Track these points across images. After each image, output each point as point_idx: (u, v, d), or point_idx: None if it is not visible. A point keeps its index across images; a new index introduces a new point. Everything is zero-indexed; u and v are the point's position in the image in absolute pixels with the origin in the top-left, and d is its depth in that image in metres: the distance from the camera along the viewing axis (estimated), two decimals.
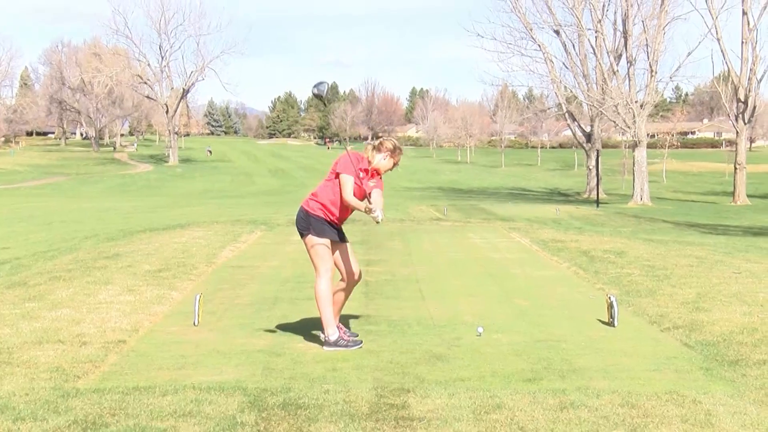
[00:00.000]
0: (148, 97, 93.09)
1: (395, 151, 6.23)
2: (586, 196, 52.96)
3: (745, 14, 45.56)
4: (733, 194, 47.52)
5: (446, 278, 9.79)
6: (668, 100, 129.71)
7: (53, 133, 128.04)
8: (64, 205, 35.01)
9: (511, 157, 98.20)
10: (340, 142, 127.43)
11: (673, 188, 61.24)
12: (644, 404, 4.55)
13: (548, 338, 6.39)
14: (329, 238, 6.14)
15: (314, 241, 6.10)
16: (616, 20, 48.22)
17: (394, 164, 6.27)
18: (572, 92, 51.39)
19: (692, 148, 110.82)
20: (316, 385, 4.95)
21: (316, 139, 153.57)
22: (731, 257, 11.47)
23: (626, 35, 45.41)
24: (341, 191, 6.03)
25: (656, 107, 59.70)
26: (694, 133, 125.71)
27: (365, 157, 6.21)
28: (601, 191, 47.70)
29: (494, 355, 5.83)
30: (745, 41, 45.79)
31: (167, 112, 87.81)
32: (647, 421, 4.28)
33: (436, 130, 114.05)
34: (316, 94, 6.06)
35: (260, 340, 6.35)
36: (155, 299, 7.88)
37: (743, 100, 46.15)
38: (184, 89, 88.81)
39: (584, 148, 55.32)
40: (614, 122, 47.25)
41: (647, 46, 44.46)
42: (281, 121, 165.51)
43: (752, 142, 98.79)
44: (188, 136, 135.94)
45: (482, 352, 5.92)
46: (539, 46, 49.84)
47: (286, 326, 6.86)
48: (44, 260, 11.87)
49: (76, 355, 5.63)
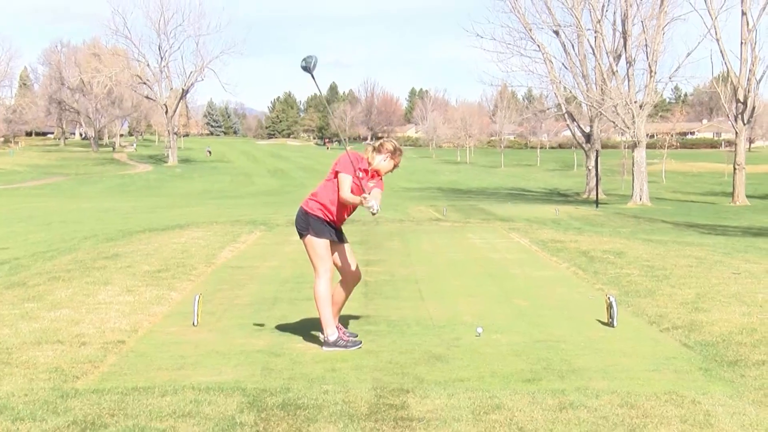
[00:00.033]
0: (147, 97, 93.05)
1: (395, 152, 6.22)
2: (585, 196, 52.97)
3: (744, 15, 45.60)
4: (732, 195, 47.54)
5: (445, 278, 9.79)
6: (667, 100, 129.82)
7: (52, 133, 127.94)
8: (63, 205, 35.00)
9: (510, 157, 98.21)
10: (339, 142, 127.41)
11: (672, 189, 61.25)
12: (643, 404, 4.55)
13: (547, 338, 6.39)
14: (328, 238, 6.14)
15: (313, 241, 6.10)
16: (615, 21, 48.35)
17: (394, 166, 6.26)
18: (571, 92, 51.44)
19: (691, 148, 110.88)
20: (315, 385, 4.95)
21: (315, 139, 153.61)
22: (730, 258, 11.47)
23: (625, 36, 45.44)
24: (339, 190, 6.03)
25: (655, 108, 59.85)
26: (693, 133, 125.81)
27: (365, 158, 6.21)
28: (600, 191, 47.71)
29: (493, 355, 5.83)
30: (744, 42, 45.82)
31: (166, 112, 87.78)
32: (646, 421, 4.28)
33: (435, 130, 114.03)
34: (303, 66, 6.04)
35: (259, 340, 6.35)
36: (154, 300, 7.88)
37: (742, 100, 46.18)
38: (183, 89, 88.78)
39: (583, 148, 55.35)
40: (613, 123, 47.29)
41: (646, 46, 44.48)
42: (281, 121, 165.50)
43: (751, 142, 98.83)
44: (187, 136, 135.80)
45: (481, 352, 5.91)
46: (538, 46, 49.86)
47: (285, 326, 6.87)
48: (43, 260, 11.88)
49: (75, 355, 5.63)
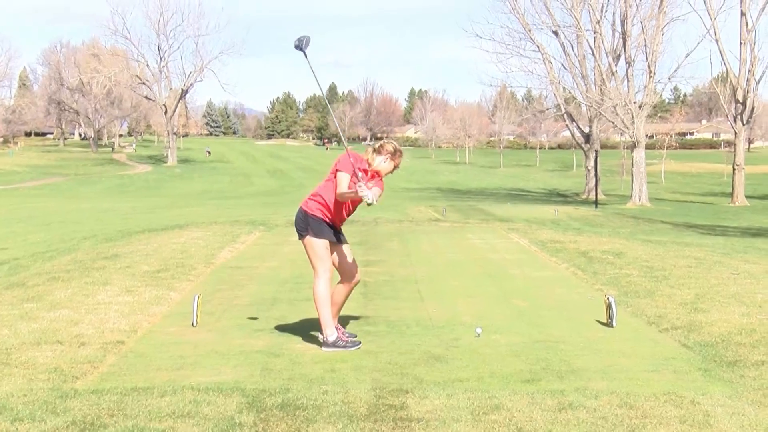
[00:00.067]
0: (146, 97, 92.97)
1: (395, 153, 6.22)
2: (584, 196, 52.96)
3: (743, 15, 45.59)
4: (731, 195, 47.54)
5: (445, 279, 9.79)
6: (667, 100, 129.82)
7: (52, 133, 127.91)
8: (62, 205, 35.00)
9: (509, 157, 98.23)
10: (338, 142, 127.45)
11: (671, 189, 61.27)
12: (642, 405, 4.56)
13: (547, 339, 6.39)
14: (328, 238, 6.14)
15: (313, 241, 6.10)
16: (614, 21, 48.32)
17: (394, 167, 6.26)
18: (571, 93, 51.42)
19: (691, 148, 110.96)
20: (314, 385, 4.95)
21: (314, 139, 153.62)
22: (730, 258, 11.47)
23: (625, 36, 45.45)
24: (336, 188, 6.03)
25: (655, 108, 59.88)
26: (692, 133, 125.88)
27: (365, 158, 6.21)
28: (599, 192, 47.69)
29: (493, 355, 5.83)
30: (743, 42, 45.82)
31: (166, 112, 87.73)
32: (645, 422, 4.28)
33: (434, 130, 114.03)
34: (296, 45, 6.11)
35: (259, 340, 6.35)
36: (154, 300, 7.88)
37: (742, 100, 46.19)
38: (182, 90, 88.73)
39: (583, 148, 55.36)
40: (613, 123, 47.29)
41: (646, 47, 44.48)
42: (280, 121, 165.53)
43: (751, 142, 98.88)
44: (187, 136, 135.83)
45: (481, 352, 5.92)
46: (538, 46, 49.85)
47: (284, 327, 6.87)
48: (43, 261, 11.88)
49: (74, 355, 5.63)
